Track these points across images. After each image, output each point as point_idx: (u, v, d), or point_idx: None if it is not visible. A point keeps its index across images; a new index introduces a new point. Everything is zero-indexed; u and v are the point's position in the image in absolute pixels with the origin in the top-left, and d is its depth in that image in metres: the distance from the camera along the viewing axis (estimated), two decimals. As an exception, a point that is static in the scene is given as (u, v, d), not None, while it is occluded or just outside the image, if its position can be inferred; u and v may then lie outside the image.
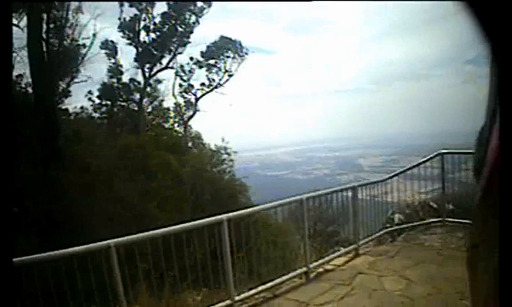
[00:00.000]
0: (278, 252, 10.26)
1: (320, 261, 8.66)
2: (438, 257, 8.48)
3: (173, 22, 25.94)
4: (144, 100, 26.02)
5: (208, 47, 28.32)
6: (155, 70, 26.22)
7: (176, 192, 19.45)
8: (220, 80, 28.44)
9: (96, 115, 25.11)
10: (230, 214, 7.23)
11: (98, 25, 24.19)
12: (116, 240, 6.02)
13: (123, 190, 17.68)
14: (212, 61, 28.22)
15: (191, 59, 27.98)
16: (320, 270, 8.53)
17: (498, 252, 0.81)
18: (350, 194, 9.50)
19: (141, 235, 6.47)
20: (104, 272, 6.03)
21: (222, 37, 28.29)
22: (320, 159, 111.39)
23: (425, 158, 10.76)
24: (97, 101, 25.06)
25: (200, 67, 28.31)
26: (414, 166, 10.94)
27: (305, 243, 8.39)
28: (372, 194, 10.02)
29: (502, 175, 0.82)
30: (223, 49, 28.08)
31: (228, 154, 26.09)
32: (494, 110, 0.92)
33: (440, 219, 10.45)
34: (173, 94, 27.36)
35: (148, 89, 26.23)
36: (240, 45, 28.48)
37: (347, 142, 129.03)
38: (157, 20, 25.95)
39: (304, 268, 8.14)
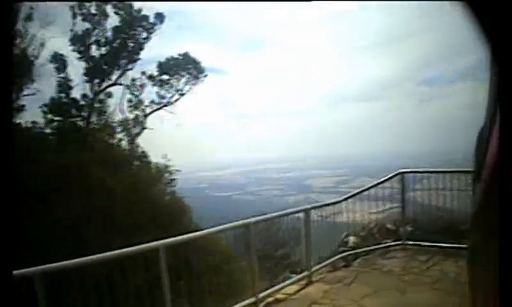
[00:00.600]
0: (223, 280, 9.36)
1: (270, 290, 7.73)
2: (400, 283, 7.70)
3: (124, 36, 24.89)
4: (93, 116, 24.83)
5: (165, 61, 27.35)
6: (104, 85, 25.09)
7: (114, 213, 18.34)
8: (171, 98, 27.31)
9: (48, 131, 23.82)
10: (168, 240, 6.39)
11: (47, 35, 22.98)
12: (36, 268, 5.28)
13: (62, 211, 16.46)
14: (165, 77, 27.13)
15: (143, 73, 26.71)
16: (270, 299, 7.63)
17: (498, 252, 0.86)
18: (302, 216, 8.68)
19: (65, 263, 5.66)
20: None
21: (182, 54, 27.36)
22: (270, 180, 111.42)
23: (384, 178, 10.10)
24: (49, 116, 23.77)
25: (152, 82, 27.23)
26: (373, 186, 10.11)
27: (253, 271, 7.47)
28: (325, 215, 9.18)
29: (502, 176, 0.86)
30: (179, 66, 27.05)
31: (170, 173, 25.12)
32: (494, 112, 1.02)
33: (399, 241, 9.75)
34: (121, 110, 26.10)
35: (97, 105, 25.06)
36: (197, 64, 27.47)
37: (298, 163, 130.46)
38: (109, 34, 24.86)
39: (253, 299, 7.24)
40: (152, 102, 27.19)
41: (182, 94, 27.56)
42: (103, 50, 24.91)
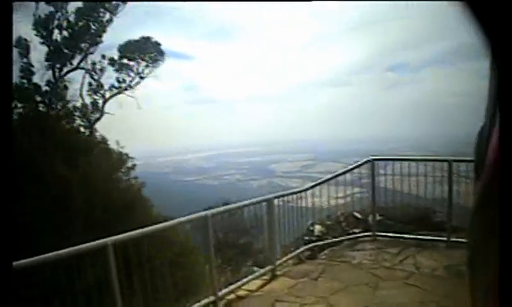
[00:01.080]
0: (183, 273, 8.71)
1: (232, 286, 7.04)
2: (371, 278, 7.08)
3: (86, 19, 23.85)
4: (54, 102, 23.64)
5: (125, 44, 26.31)
6: (65, 70, 23.94)
7: (68, 204, 17.42)
8: (131, 81, 26.44)
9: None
10: (117, 237, 5.73)
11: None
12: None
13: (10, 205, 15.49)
14: (125, 61, 26.19)
15: (103, 56, 25.64)
16: (232, 296, 6.98)
17: (498, 251, 0.83)
18: (264, 206, 8.03)
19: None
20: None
21: (142, 37, 26.41)
22: (234, 164, 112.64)
23: (354, 165, 9.46)
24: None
25: (112, 66, 26.13)
26: (342, 173, 9.45)
27: (211, 267, 6.78)
28: (289, 200, 8.51)
29: (502, 175, 0.84)
30: (140, 49, 26.19)
31: (131, 159, 24.58)
32: (494, 111, 0.92)
33: (369, 232, 9.11)
34: (81, 95, 24.94)
35: (59, 90, 23.88)
36: (158, 47, 26.67)
37: (263, 148, 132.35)
38: (72, 17, 23.75)
39: (212, 298, 6.57)
40: (112, 86, 26.27)
41: (142, 78, 26.73)
42: (65, 33, 23.90)
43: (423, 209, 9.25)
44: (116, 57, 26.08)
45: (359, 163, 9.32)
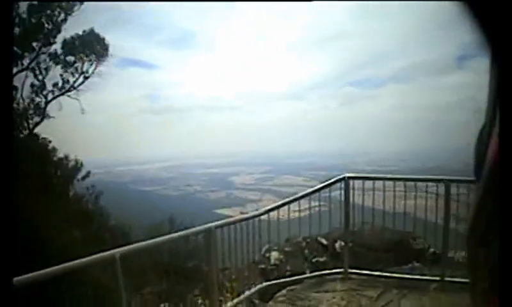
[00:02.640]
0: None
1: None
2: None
3: (39, 16, 21.58)
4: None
5: (70, 39, 23.70)
6: (15, 70, 21.49)
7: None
8: (75, 82, 23.97)
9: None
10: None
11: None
12: None
13: None
14: (71, 58, 23.71)
15: (49, 55, 23.19)
16: None
17: (498, 250, 0.87)
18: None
19: None
20: None
21: (90, 31, 24.07)
22: (193, 176, 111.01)
23: (325, 183, 7.39)
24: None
25: (56, 64, 23.58)
26: (312, 192, 7.48)
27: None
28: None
29: (502, 175, 0.87)
30: (84, 45, 23.68)
31: (80, 167, 22.72)
32: (494, 111, 0.95)
33: (339, 268, 7.03)
34: (21, 97, 22.43)
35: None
36: (102, 41, 24.24)
37: (222, 159, 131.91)
38: (24, 14, 21.36)
39: None
40: (55, 84, 23.78)
41: (87, 77, 24.29)
42: (16, 31, 21.29)
43: (400, 233, 7.57)
44: (59, 53, 23.62)
45: (331, 181, 7.27)
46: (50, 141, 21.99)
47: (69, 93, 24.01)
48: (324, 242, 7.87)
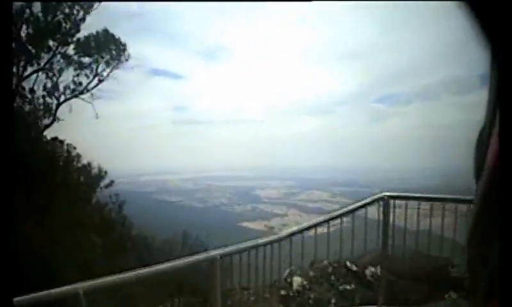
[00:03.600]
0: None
1: None
2: None
3: (57, 14, 21.02)
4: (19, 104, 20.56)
5: (84, 39, 22.75)
6: (30, 69, 20.96)
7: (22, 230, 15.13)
8: (88, 84, 23.26)
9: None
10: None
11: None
12: None
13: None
14: (86, 59, 22.91)
15: (63, 55, 22.44)
16: None
17: (498, 250, 0.89)
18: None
19: None
20: None
21: (106, 31, 23.09)
22: (219, 188, 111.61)
23: (362, 202, 6.53)
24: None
25: (69, 64, 22.77)
26: (348, 212, 6.57)
27: None
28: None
29: (502, 175, 0.88)
30: (99, 46, 22.83)
31: (103, 175, 21.96)
32: (494, 112, 0.97)
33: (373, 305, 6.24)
34: (32, 98, 21.69)
35: (22, 91, 20.80)
36: (119, 42, 23.25)
37: (247, 172, 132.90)
38: (40, 12, 20.69)
39: None
40: (67, 87, 23.10)
41: (101, 80, 23.52)
42: (30, 29, 20.81)
43: (436, 260, 6.81)
44: (72, 54, 22.85)
45: (369, 200, 6.49)
46: (74, 148, 21.58)
47: (82, 96, 23.22)
48: (353, 267, 7.14)
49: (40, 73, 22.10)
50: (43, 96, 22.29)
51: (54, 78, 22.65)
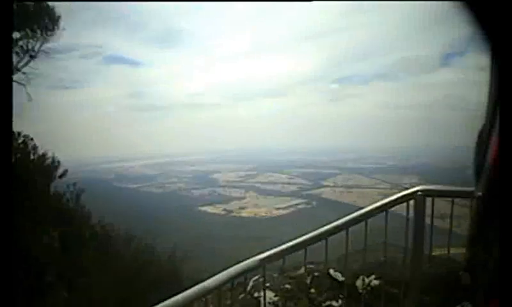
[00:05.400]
0: None
1: None
2: None
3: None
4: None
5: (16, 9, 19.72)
6: None
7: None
8: (19, 62, 20.05)
9: None
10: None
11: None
12: None
13: None
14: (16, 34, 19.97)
15: None
16: None
17: (498, 250, 0.92)
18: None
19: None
20: None
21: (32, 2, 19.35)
22: (177, 173, 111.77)
23: (393, 197, 4.48)
24: None
25: None
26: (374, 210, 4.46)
27: None
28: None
29: (502, 175, 0.89)
30: (29, 18, 19.64)
31: (57, 164, 20.30)
32: (494, 112, 0.98)
33: None
34: None
35: None
36: (51, 11, 19.70)
37: (205, 156, 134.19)
38: None
39: None
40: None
41: (33, 57, 20.08)
42: None
43: (444, 262, 5.20)
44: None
45: (399, 195, 4.38)
46: (31, 139, 19.77)
47: (14, 77, 20.73)
48: (338, 276, 5.43)
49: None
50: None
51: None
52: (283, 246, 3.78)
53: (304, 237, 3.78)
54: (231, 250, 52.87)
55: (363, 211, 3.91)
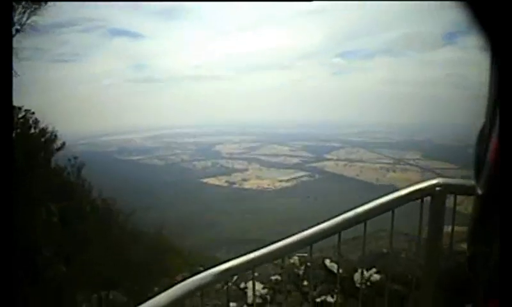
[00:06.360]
0: None
1: None
2: None
3: None
4: None
5: None
6: None
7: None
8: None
9: None
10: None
11: None
12: None
13: None
14: None
15: None
16: None
17: (497, 250, 0.91)
18: None
19: None
20: None
21: None
22: (180, 145, 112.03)
23: (400, 192, 3.65)
24: None
25: None
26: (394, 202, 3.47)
27: None
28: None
29: (502, 175, 0.89)
30: None
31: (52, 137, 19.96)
32: (494, 111, 0.97)
33: None
34: None
35: None
36: None
37: (207, 129, 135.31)
38: None
39: None
40: None
41: (18, 30, 19.84)
42: None
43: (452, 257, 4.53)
44: None
45: (412, 189, 3.38)
46: (33, 113, 19.47)
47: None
48: (334, 268, 4.82)
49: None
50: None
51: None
52: (260, 252, 2.92)
53: (280, 244, 2.97)
54: (231, 223, 53.08)
55: (361, 210, 3.01)
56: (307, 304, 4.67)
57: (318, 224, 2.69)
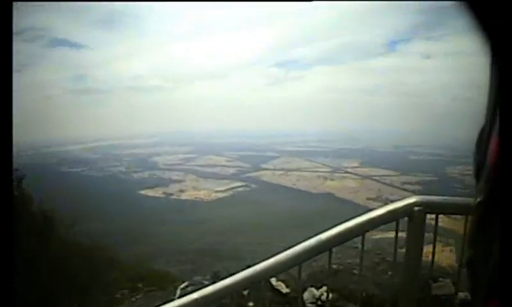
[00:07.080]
0: None
1: None
2: None
3: None
4: None
5: None
6: None
7: None
8: None
9: None
10: None
11: None
12: None
13: None
14: None
15: None
16: None
17: (497, 251, 0.90)
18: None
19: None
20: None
21: None
22: (118, 156, 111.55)
23: (371, 214, 3.24)
24: None
25: None
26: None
27: None
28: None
29: (502, 175, 0.89)
30: None
31: None
32: (494, 112, 0.97)
33: None
34: None
35: None
36: None
37: (145, 140, 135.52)
38: None
39: None
40: None
41: None
42: None
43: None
44: None
45: (385, 210, 3.03)
46: None
47: None
48: (283, 288, 4.54)
49: None
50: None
51: None
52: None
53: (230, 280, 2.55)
54: (169, 234, 52.43)
55: (325, 237, 2.60)
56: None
57: (275, 254, 2.35)
